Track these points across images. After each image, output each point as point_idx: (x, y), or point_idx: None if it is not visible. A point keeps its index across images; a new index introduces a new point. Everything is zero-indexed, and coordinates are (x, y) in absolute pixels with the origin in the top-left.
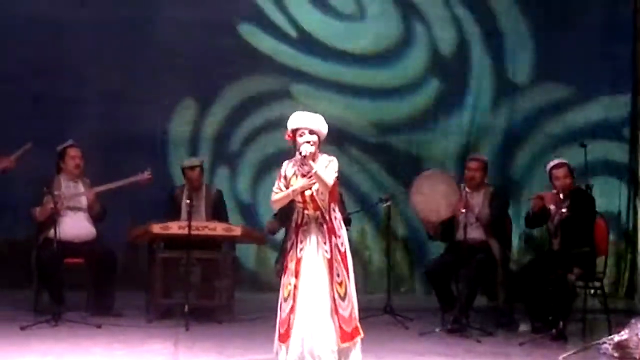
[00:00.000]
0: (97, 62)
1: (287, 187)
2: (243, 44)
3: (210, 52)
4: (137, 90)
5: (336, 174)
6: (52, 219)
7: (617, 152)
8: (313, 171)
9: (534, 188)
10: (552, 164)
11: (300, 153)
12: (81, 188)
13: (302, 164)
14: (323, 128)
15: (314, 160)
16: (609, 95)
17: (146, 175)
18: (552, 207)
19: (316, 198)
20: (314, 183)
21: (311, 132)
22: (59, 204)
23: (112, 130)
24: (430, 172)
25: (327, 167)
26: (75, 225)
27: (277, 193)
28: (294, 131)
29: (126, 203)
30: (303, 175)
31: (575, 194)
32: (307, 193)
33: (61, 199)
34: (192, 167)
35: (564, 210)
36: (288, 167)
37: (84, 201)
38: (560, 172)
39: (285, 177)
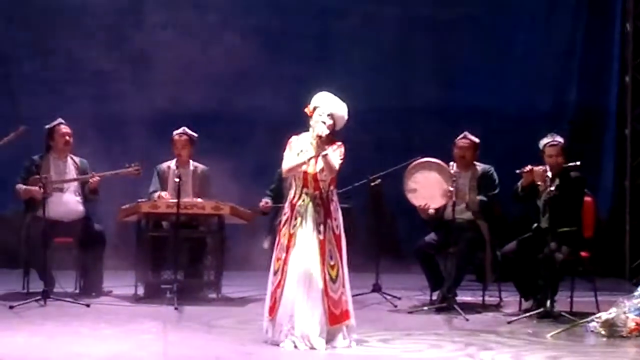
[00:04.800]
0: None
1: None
2: None
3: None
4: (128, 70)
5: (341, 160)
6: (41, 199)
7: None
8: (323, 153)
9: None
10: (546, 140)
11: (318, 133)
12: (70, 167)
13: (315, 143)
14: (343, 116)
15: (325, 144)
16: None
17: (133, 169)
18: (540, 183)
19: (318, 178)
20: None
21: (330, 115)
22: (47, 186)
23: (103, 110)
24: (424, 160)
25: (334, 152)
26: (64, 204)
27: (289, 160)
28: (315, 108)
29: (115, 181)
30: (312, 157)
31: (565, 172)
32: (310, 171)
33: (49, 180)
34: (180, 134)
35: (552, 188)
36: (297, 142)
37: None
38: (553, 150)
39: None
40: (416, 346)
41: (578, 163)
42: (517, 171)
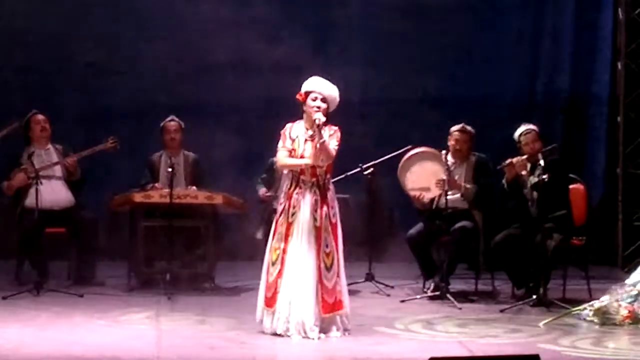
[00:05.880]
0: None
1: (291, 149)
2: None
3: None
4: (117, 61)
5: (337, 145)
6: (27, 189)
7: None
8: (321, 141)
9: None
10: (520, 130)
11: (314, 121)
12: (53, 155)
13: (310, 129)
14: (335, 97)
15: (320, 129)
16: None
17: (110, 143)
18: (523, 173)
19: (315, 165)
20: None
21: (323, 99)
22: (32, 175)
23: (92, 101)
24: (419, 149)
25: (331, 137)
26: (52, 193)
27: (286, 155)
28: (307, 93)
29: (106, 171)
30: (307, 140)
31: (544, 158)
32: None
33: (32, 169)
34: (170, 120)
35: (544, 176)
36: (292, 129)
37: (57, 169)
38: (529, 138)
39: (290, 138)
40: (409, 335)
41: (555, 145)
42: (498, 167)
